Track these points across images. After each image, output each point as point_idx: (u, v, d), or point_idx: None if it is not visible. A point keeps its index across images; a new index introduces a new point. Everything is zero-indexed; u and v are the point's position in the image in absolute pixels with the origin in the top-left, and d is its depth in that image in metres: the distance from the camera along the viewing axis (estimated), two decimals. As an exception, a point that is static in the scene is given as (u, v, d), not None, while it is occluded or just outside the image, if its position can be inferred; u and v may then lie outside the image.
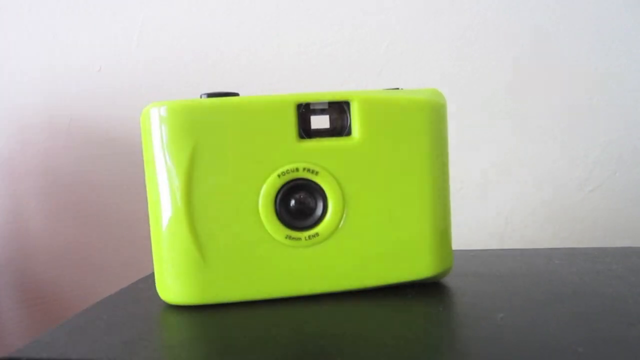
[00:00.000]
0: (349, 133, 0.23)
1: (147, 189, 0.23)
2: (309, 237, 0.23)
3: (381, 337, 0.19)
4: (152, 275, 0.29)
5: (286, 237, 0.22)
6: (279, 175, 0.22)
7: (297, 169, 0.22)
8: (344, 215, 0.23)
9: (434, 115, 0.23)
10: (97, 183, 0.52)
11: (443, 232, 0.24)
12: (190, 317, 0.22)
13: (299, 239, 0.22)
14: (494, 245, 0.47)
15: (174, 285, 0.23)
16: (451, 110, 0.25)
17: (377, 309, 0.22)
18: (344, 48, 0.47)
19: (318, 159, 0.22)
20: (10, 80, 0.52)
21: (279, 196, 0.22)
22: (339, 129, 0.23)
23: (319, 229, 0.23)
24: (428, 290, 0.24)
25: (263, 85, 0.46)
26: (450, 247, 0.24)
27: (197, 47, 0.49)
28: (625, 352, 0.16)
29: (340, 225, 0.23)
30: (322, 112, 0.24)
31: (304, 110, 0.23)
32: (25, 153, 0.53)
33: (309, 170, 0.22)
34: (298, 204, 0.23)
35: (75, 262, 0.54)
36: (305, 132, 0.23)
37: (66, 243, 0.53)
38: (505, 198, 0.47)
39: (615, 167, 0.46)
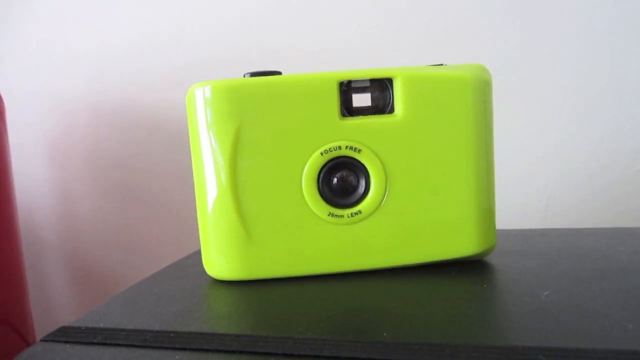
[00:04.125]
0: (391, 110, 0.23)
1: (193, 167, 0.24)
2: (352, 214, 0.23)
3: (426, 312, 0.19)
4: (197, 252, 0.30)
5: (329, 215, 0.23)
6: (321, 153, 0.22)
7: (339, 147, 0.22)
8: (387, 193, 0.23)
9: (479, 92, 0.23)
10: (141, 166, 0.54)
11: (487, 210, 0.23)
12: (236, 292, 0.23)
13: (342, 216, 0.23)
14: (534, 225, 0.46)
15: (220, 261, 0.23)
16: (496, 87, 0.25)
17: (421, 285, 0.22)
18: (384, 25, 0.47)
19: (360, 136, 0.22)
20: (56, 66, 0.54)
21: (322, 174, 0.23)
22: (381, 106, 0.23)
23: (361, 206, 0.23)
24: (471, 267, 0.23)
25: (303, 67, 0.46)
26: (494, 225, 0.24)
27: (237, 29, 0.50)
28: (679, 328, 0.16)
29: (382, 203, 0.23)
30: (364, 90, 0.24)
31: (346, 89, 0.23)
32: (71, 137, 0.55)
33: (351, 148, 0.22)
34: (340, 181, 0.23)
35: (119, 243, 0.56)
36: (348, 110, 0.23)
37: (111, 224, 0.56)
38: (547, 177, 0.46)
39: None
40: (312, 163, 0.23)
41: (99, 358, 0.17)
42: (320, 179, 0.23)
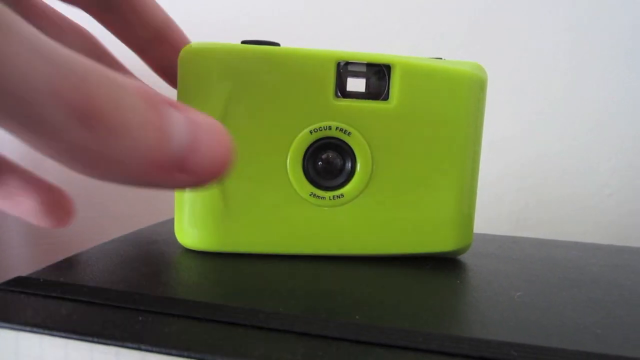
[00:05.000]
0: (386, 98, 0.22)
1: None
2: (334, 197, 0.22)
3: (398, 301, 0.19)
4: (169, 221, 0.29)
5: (310, 195, 0.22)
6: (310, 132, 0.22)
7: (329, 127, 0.22)
8: (371, 179, 0.22)
9: (475, 90, 0.22)
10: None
11: (467, 208, 0.23)
12: (207, 262, 0.22)
13: (323, 197, 0.22)
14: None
15: (193, 230, 0.23)
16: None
17: (395, 275, 0.22)
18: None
19: (352, 119, 0.22)
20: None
21: (308, 153, 0.22)
22: (375, 93, 0.23)
23: (344, 190, 0.22)
24: (445, 264, 0.23)
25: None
26: (472, 224, 0.24)
27: (236, 2, 0.49)
28: (646, 338, 0.16)
29: (365, 189, 0.22)
30: (360, 75, 0.23)
31: (342, 71, 0.22)
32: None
33: (341, 130, 0.22)
34: (326, 162, 0.22)
35: (86, 205, 0.54)
36: (342, 92, 0.22)
37: (80, 185, 0.54)
38: (519, 194, 0.47)
39: (635, 174, 0.45)
40: (300, 140, 0.22)
41: (56, 311, 0.16)
42: (306, 158, 0.22)
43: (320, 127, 0.22)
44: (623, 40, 0.44)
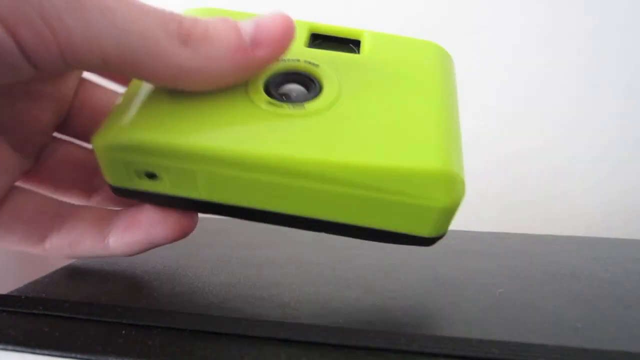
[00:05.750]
0: (357, 53, 0.22)
1: None
2: (293, 106, 0.19)
3: (380, 302, 0.19)
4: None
5: (267, 103, 0.18)
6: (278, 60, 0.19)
7: (298, 60, 0.20)
8: (337, 102, 0.19)
9: (441, 55, 0.22)
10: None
11: (452, 148, 0.18)
12: (190, 272, 0.22)
13: (282, 107, 0.18)
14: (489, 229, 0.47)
15: (131, 124, 0.17)
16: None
17: (377, 276, 0.22)
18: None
19: (323, 59, 0.20)
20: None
21: (272, 80, 0.20)
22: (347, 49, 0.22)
23: (306, 103, 0.19)
24: (427, 263, 0.24)
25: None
26: (463, 167, 0.18)
27: None
28: (624, 330, 0.16)
29: (330, 107, 0.19)
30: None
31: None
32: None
33: (310, 62, 0.20)
34: (289, 89, 0.20)
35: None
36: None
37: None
38: (500, 191, 0.47)
39: (615, 165, 0.46)
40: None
41: (39, 329, 0.16)
42: (269, 83, 0.19)
43: (288, 59, 0.20)
44: (597, 38, 0.44)
